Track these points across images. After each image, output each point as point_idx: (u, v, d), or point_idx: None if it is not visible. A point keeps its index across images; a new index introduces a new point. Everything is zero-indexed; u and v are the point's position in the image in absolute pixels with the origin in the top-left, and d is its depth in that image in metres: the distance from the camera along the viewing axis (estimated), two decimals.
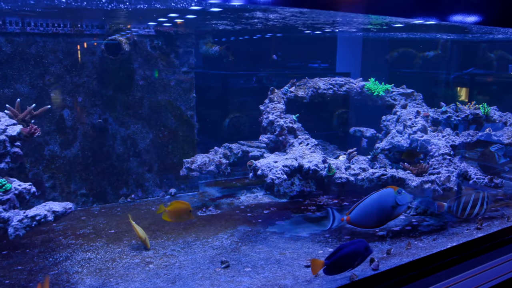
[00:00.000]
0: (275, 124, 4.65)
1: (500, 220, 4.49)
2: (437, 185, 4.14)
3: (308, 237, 4.09)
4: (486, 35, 5.96)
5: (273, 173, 3.89)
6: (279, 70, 6.68)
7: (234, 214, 4.69)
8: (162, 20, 4.92)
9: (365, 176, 3.94)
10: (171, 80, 5.13)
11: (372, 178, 3.94)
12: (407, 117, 4.82)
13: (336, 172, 3.93)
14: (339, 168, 3.98)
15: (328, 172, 3.92)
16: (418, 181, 4.02)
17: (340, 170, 3.97)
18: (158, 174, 5.20)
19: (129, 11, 4.23)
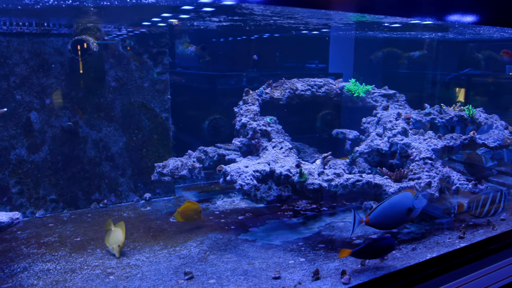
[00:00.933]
0: (248, 127, 4.48)
1: (485, 228, 4.31)
2: (416, 191, 3.96)
3: (281, 246, 3.92)
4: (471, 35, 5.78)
5: (242, 178, 3.72)
6: (267, 70, 6.54)
7: (208, 220, 4.53)
8: (134, 19, 4.77)
9: (339, 182, 3.76)
10: (145, 81, 4.96)
11: (346, 184, 3.76)
12: (387, 119, 4.65)
13: (308, 177, 3.76)
14: (311, 174, 3.81)
15: (299, 177, 3.75)
16: (396, 187, 3.85)
17: (313, 175, 3.80)
18: (132, 178, 5.04)
19: (98, 9, 4.07)
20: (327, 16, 4.53)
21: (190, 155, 4.75)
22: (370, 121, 4.90)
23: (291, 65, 7.47)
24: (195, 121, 5.86)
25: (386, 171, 4.14)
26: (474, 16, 4.00)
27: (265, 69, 6.63)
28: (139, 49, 4.89)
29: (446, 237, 4.07)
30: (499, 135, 4.75)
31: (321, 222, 4.47)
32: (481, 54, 7.12)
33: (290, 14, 4.33)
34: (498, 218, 4.52)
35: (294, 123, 6.18)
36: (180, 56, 5.46)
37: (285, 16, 4.54)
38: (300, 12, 4.31)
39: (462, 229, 4.15)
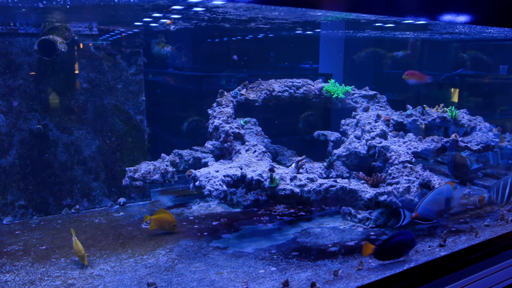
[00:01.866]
0: (220, 129, 4.34)
1: (468, 235, 4.15)
2: (394, 197, 3.83)
3: (252, 254, 3.78)
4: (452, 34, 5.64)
5: (211, 184, 3.58)
6: (261, 71, 6.40)
7: (181, 226, 4.38)
8: (106, 18, 4.61)
9: (311, 187, 3.62)
10: (118, 83, 4.81)
11: (319, 190, 3.62)
12: (366, 121, 4.50)
13: (279, 183, 3.62)
14: (283, 179, 3.67)
15: (270, 183, 3.60)
16: (372, 193, 3.70)
17: (285, 180, 3.66)
18: (106, 182, 4.89)
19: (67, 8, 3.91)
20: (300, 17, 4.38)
21: (163, 158, 4.61)
22: (349, 123, 4.76)
23: (285, 65, 7.35)
24: (173, 123, 5.71)
25: (363, 175, 4.00)
26: (465, 15, 3.87)
27: (260, 69, 6.52)
28: (112, 50, 4.73)
29: (427, 245, 3.91)
30: (483, 138, 4.61)
31: (297, 228, 4.34)
32: (467, 54, 6.98)
33: (257, 15, 4.18)
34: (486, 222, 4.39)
35: (275, 125, 6.04)
36: (156, 56, 5.30)
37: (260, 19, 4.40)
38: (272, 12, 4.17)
39: (444, 236, 4.01)
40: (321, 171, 4.37)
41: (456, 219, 4.59)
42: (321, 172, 4.38)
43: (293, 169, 3.89)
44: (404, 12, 3.70)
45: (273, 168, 3.93)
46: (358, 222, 4.35)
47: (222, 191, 3.58)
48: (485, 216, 4.65)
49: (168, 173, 4.43)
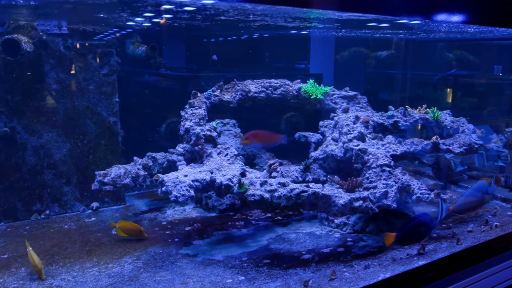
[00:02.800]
0: (191, 132, 4.19)
1: (449, 241, 3.98)
2: (370, 202, 3.68)
3: (222, 261, 3.63)
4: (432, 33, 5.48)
5: (178, 189, 3.43)
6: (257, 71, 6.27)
7: (152, 231, 4.24)
8: (76, 17, 4.47)
9: (282, 193, 3.47)
10: (90, 84, 4.66)
11: (290, 195, 3.47)
12: (344, 123, 4.36)
13: (248, 188, 3.47)
14: (253, 184, 3.52)
15: (239, 188, 3.45)
16: (347, 199, 3.56)
17: (255, 185, 3.51)
18: (78, 187, 4.74)
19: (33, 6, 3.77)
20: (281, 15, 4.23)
21: (136, 162, 4.45)
22: (327, 124, 4.61)
23: (281, 66, 7.23)
24: (151, 125, 5.56)
25: (338, 179, 3.86)
26: (459, 14, 3.74)
27: (253, 70, 6.39)
28: (83, 49, 4.58)
29: (405, 253, 3.76)
30: (465, 140, 4.46)
31: (272, 234, 4.19)
32: (452, 54, 6.84)
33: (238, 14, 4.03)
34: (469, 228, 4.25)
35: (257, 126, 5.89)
36: (131, 56, 5.15)
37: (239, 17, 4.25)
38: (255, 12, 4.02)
39: (423, 243, 3.86)
40: (297, 174, 4.23)
41: (439, 223, 4.44)
42: (297, 176, 4.23)
43: (265, 173, 3.74)
44: (397, 11, 3.57)
45: (245, 172, 3.79)
46: (336, 227, 4.20)
47: (189, 196, 3.43)
48: (468, 221, 4.51)
49: (140, 177, 4.28)
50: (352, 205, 3.53)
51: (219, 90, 4.68)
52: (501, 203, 5.02)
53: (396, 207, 3.83)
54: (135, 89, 5.37)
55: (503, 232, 4.20)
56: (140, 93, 5.46)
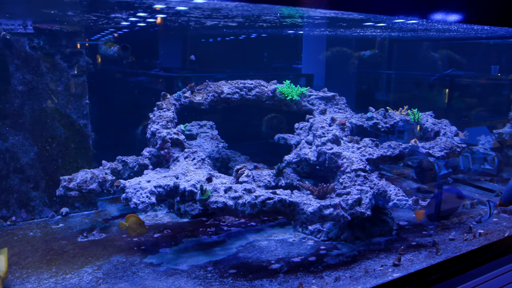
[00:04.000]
0: (157, 135, 4.03)
1: (429, 251, 3.80)
2: (342, 210, 3.51)
3: (186, 271, 3.47)
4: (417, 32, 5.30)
5: (138, 196, 3.27)
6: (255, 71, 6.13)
7: (119, 239, 4.08)
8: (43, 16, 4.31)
9: (246, 200, 3.30)
10: (58, 85, 4.50)
11: (254, 203, 3.30)
12: (319, 125, 4.19)
13: (211, 195, 3.31)
14: (217, 190, 3.36)
15: (201, 195, 3.29)
16: (316, 206, 3.38)
17: (218, 192, 3.35)
18: (47, 191, 4.58)
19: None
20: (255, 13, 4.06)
21: (104, 166, 4.30)
22: (302, 126, 4.45)
23: (279, 66, 7.08)
24: (126, 128, 5.40)
25: (308, 185, 3.69)
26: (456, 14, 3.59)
27: (248, 70, 6.25)
28: (50, 50, 4.43)
29: (380, 263, 3.58)
30: (447, 143, 4.28)
31: (243, 241, 4.03)
32: (438, 53, 6.64)
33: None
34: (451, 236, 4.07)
35: (237, 128, 5.75)
36: (104, 56, 4.99)
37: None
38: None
39: (400, 253, 3.69)
40: (269, 179, 4.07)
41: (419, 230, 4.27)
42: (269, 180, 4.07)
43: (232, 178, 3.58)
44: (394, 10, 3.44)
45: (211, 177, 3.62)
46: (310, 234, 4.04)
47: (149, 203, 3.28)
48: (451, 228, 4.33)
49: (107, 182, 4.13)
50: (322, 213, 3.36)
51: (190, 92, 4.51)
52: (487, 209, 4.83)
53: (371, 214, 3.65)
54: (109, 90, 5.20)
55: (487, 241, 4.01)
56: (115, 95, 5.30)
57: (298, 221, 3.34)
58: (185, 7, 3.44)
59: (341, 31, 5.50)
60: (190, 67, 5.47)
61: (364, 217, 3.70)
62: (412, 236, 4.13)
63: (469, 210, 4.78)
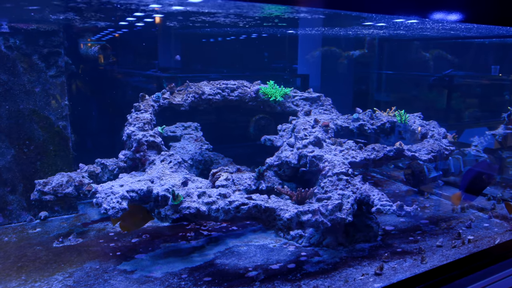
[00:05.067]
0: (132, 138, 3.91)
1: (414, 259, 3.64)
2: (321, 215, 3.38)
3: (160, 279, 3.36)
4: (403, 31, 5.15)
5: (108, 201, 3.16)
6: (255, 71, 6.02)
7: (96, 244, 3.97)
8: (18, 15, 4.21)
9: (220, 205, 3.18)
10: (36, 86, 4.39)
11: (228, 208, 3.18)
12: (301, 126, 4.06)
13: (183, 200, 3.19)
14: (190, 195, 3.24)
15: (173, 200, 3.17)
16: (293, 212, 3.26)
17: (191, 197, 3.23)
18: (24, 195, 4.48)
19: None
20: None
21: (82, 169, 4.19)
22: (285, 128, 4.32)
23: (278, 66, 6.97)
24: (108, 129, 5.29)
25: (287, 190, 3.56)
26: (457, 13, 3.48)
27: (248, 70, 6.16)
28: (27, 49, 4.32)
29: (361, 272, 3.44)
30: (434, 146, 4.14)
31: (222, 246, 3.91)
32: (429, 53, 6.49)
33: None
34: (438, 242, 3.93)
35: (224, 129, 5.63)
36: (85, 56, 4.88)
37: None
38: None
39: (384, 260, 3.56)
40: (250, 182, 3.94)
41: (406, 236, 4.14)
42: (250, 184, 3.95)
43: (208, 182, 3.46)
44: (393, 9, 3.32)
45: (187, 181, 3.50)
46: (291, 239, 3.91)
47: (120, 209, 3.16)
48: (439, 233, 4.19)
49: (83, 186, 4.01)
50: (299, 219, 3.23)
51: (169, 93, 4.39)
52: (478, 213, 4.69)
53: (352, 220, 3.52)
54: (90, 91, 5.09)
55: (476, 248, 3.85)
56: (97, 95, 5.18)
57: (275, 228, 3.21)
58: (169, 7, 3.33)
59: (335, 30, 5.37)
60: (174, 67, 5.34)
61: (347, 223, 3.57)
62: (398, 242, 4.00)
63: (459, 215, 4.64)
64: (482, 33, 5.41)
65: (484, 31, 5.39)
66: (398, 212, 3.60)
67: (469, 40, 6.28)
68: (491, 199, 4.83)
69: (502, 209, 4.68)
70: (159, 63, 5.64)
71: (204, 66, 6.24)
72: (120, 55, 4.94)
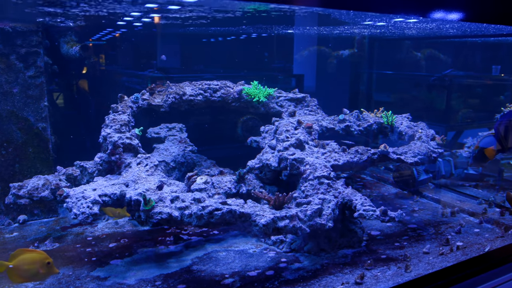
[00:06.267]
0: (107, 140, 3.81)
1: (398, 266, 3.50)
2: (300, 221, 3.26)
3: (132, 286, 3.25)
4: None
5: (78, 206, 3.05)
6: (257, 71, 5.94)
7: (72, 249, 3.87)
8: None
9: (192, 211, 3.07)
10: (14, 87, 4.30)
11: (201, 214, 3.07)
12: (284, 128, 3.94)
13: (155, 205, 3.08)
14: (162, 200, 3.13)
15: (144, 205, 3.07)
16: (269, 218, 3.14)
17: (164, 202, 3.12)
18: (2, 198, 4.38)
19: None
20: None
21: (59, 171, 4.09)
22: (268, 130, 4.21)
23: (278, 66, 6.87)
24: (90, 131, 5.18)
25: (265, 194, 3.44)
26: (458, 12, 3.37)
27: (249, 70, 6.06)
28: (4, 49, 4.23)
29: (343, 279, 3.32)
30: (421, 148, 4.01)
31: (200, 251, 3.80)
32: (421, 52, 6.34)
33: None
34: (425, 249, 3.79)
35: (210, 131, 5.53)
36: (66, 56, 4.77)
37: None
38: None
39: (367, 267, 3.43)
40: (230, 185, 3.83)
41: (392, 242, 4.01)
42: (230, 187, 3.83)
43: (184, 186, 3.35)
44: (393, 8, 3.22)
45: (162, 185, 3.40)
46: (272, 244, 3.80)
47: (90, 214, 3.06)
48: (427, 239, 4.06)
49: (60, 189, 3.90)
50: (276, 225, 3.12)
51: (149, 93, 4.29)
52: (469, 218, 4.55)
53: (333, 226, 3.40)
54: (72, 91, 4.99)
55: (465, 256, 3.70)
56: (78, 96, 5.08)
57: (251, 234, 3.10)
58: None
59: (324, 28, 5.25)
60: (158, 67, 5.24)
61: (328, 228, 3.45)
62: (383, 248, 3.87)
63: (449, 219, 4.51)
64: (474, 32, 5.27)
65: (475, 28, 5.25)
66: (382, 217, 3.47)
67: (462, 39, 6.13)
68: (482, 203, 4.69)
69: (494, 214, 4.54)
70: (157, 63, 5.56)
71: (199, 66, 6.14)
72: (108, 56, 4.84)
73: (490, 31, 5.51)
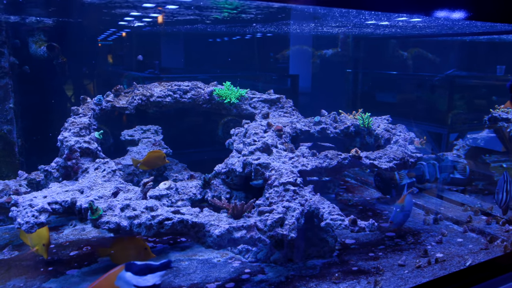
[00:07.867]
0: (64, 144, 3.65)
1: (368, 281, 3.28)
2: (258, 231, 3.06)
3: None
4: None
5: (23, 215, 2.90)
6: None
7: (31, 257, 3.71)
8: None
9: (141, 220, 2.90)
10: None
11: (150, 224, 2.89)
12: (252, 131, 3.75)
13: (103, 214, 2.91)
14: (112, 208, 2.96)
15: (91, 214, 2.90)
16: (224, 228, 2.95)
17: (113, 210, 2.95)
18: None
19: None
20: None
21: (20, 176, 3.95)
22: (237, 132, 4.02)
23: (282, 66, 6.71)
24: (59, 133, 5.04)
25: (223, 202, 3.25)
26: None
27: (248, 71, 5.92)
28: None
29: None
30: (398, 153, 3.78)
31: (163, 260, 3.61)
32: (407, 52, 6.09)
33: None
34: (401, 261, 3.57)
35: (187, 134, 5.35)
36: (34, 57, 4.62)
37: None
38: None
39: (334, 281, 3.22)
40: (195, 191, 3.65)
41: (366, 252, 3.79)
42: (195, 193, 3.66)
43: (139, 193, 3.18)
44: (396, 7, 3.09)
45: (118, 191, 3.23)
46: (238, 253, 3.62)
47: (36, 223, 2.89)
48: (405, 249, 3.83)
49: (20, 195, 3.76)
50: (231, 236, 2.93)
51: (114, 95, 4.12)
52: (453, 226, 4.31)
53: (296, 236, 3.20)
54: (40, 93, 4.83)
55: (443, 271, 3.44)
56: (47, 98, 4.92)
57: (205, 245, 2.92)
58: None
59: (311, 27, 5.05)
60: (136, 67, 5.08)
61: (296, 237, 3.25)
62: (355, 259, 3.65)
63: (431, 227, 4.27)
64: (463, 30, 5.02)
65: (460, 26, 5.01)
66: (351, 227, 3.26)
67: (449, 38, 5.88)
68: (468, 210, 4.44)
69: (480, 222, 4.30)
70: (159, 63, 5.44)
71: (195, 67, 6.00)
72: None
73: (480, 28, 5.26)
